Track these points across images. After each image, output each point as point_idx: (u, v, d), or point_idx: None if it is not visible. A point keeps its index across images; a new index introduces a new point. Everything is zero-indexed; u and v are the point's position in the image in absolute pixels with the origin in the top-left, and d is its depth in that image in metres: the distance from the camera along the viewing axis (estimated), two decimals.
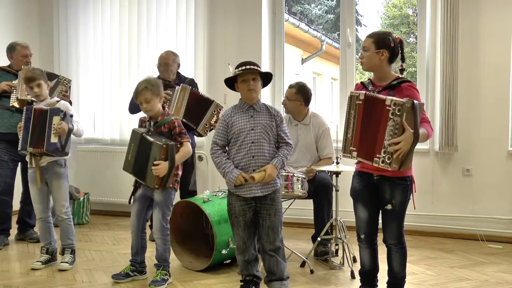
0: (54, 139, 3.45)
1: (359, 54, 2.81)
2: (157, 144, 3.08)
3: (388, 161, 2.46)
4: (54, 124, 3.45)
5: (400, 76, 2.78)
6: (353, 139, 2.63)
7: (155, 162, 3.08)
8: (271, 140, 2.91)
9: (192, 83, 4.48)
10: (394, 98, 2.49)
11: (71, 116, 3.59)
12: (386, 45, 2.71)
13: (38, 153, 3.52)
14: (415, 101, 2.48)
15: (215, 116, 4.26)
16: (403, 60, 2.80)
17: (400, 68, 2.84)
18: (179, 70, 4.55)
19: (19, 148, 3.57)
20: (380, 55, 2.72)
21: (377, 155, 2.51)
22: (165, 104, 3.69)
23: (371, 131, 2.55)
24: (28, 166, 3.62)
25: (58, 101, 3.66)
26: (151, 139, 3.12)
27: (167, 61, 4.42)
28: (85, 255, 3.96)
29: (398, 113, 2.44)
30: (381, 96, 2.56)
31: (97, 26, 5.73)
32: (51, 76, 4.00)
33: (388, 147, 2.46)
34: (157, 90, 3.23)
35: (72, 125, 3.57)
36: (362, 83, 2.86)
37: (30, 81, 3.57)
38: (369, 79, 2.86)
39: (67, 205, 3.65)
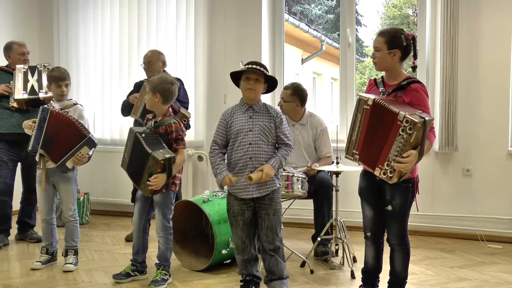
0: (69, 164, 3.46)
1: (371, 53, 2.72)
2: (155, 158, 3.01)
3: (390, 175, 2.49)
4: (80, 153, 3.43)
5: (411, 76, 2.72)
6: (356, 142, 2.61)
7: (154, 176, 3.05)
8: (269, 141, 2.90)
9: None
10: (407, 114, 2.42)
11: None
12: (398, 45, 2.64)
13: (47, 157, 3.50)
14: (427, 119, 2.44)
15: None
16: (415, 57, 2.71)
17: (412, 65, 2.75)
18: (165, 69, 4.53)
19: (29, 148, 3.46)
20: (392, 55, 2.64)
21: (380, 165, 2.52)
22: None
23: (377, 140, 2.53)
24: (37, 166, 3.60)
25: (74, 104, 3.66)
26: (149, 150, 3.04)
27: (151, 59, 4.42)
28: (85, 255, 3.96)
29: (409, 132, 2.41)
30: (394, 108, 2.48)
31: (97, 26, 5.73)
32: None
33: (393, 161, 2.46)
34: (164, 93, 3.22)
35: (90, 156, 3.55)
36: (374, 80, 2.81)
37: (60, 80, 3.55)
38: (381, 77, 2.79)
39: (74, 207, 3.65)
